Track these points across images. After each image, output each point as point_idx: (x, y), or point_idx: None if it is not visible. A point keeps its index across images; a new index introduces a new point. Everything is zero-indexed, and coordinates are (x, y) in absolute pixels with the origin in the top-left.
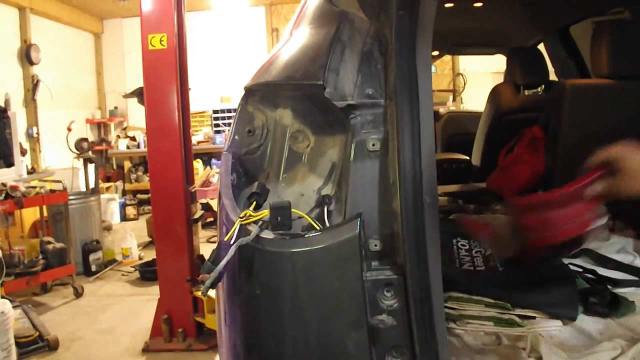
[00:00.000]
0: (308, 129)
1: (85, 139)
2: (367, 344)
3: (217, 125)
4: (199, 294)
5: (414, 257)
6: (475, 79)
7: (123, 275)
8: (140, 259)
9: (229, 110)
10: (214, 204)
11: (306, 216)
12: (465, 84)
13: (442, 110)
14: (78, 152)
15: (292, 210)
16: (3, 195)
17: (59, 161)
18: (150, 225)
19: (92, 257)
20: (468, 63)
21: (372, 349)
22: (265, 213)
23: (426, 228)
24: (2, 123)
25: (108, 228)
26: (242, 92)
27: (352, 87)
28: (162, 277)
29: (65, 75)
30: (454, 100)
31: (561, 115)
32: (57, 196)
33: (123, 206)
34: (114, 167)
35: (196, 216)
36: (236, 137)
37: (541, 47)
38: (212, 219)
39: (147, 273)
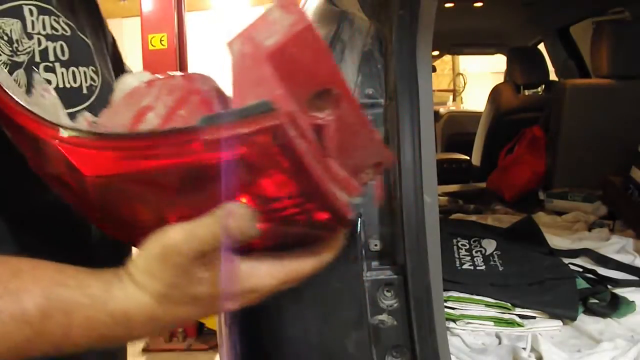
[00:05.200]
0: None
1: None
2: (368, 344)
3: None
4: None
5: (414, 257)
6: (475, 79)
7: None
8: None
9: None
10: None
11: None
12: (465, 84)
13: (442, 110)
14: None
15: None
16: None
17: None
18: None
19: None
20: (468, 63)
21: (372, 348)
22: None
23: (426, 228)
24: None
25: None
26: None
27: (352, 87)
28: None
29: None
30: (454, 100)
31: (561, 115)
32: None
33: None
34: None
35: None
36: None
37: (541, 47)
38: None
39: None
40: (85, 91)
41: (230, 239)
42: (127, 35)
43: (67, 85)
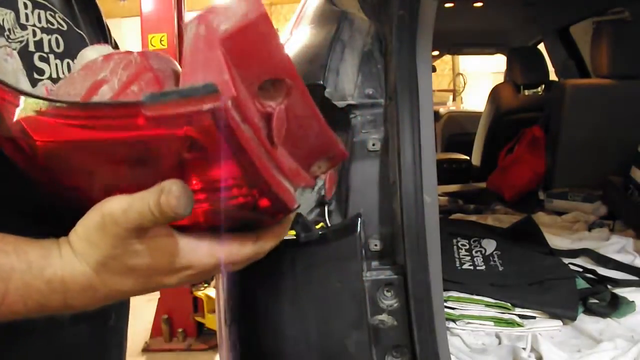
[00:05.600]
0: None
1: None
2: (368, 344)
3: None
4: (199, 293)
5: (414, 257)
6: (475, 79)
7: None
8: None
9: None
10: None
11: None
12: (465, 84)
13: (442, 110)
14: None
15: None
16: None
17: None
18: None
19: None
20: (468, 63)
21: (372, 349)
22: None
23: (426, 228)
24: None
25: None
26: None
27: (352, 87)
28: None
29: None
30: (454, 100)
31: (561, 115)
32: None
33: None
34: None
35: None
36: None
37: (541, 47)
38: None
39: None
40: None
41: (164, 216)
42: (127, 35)
43: (62, 76)
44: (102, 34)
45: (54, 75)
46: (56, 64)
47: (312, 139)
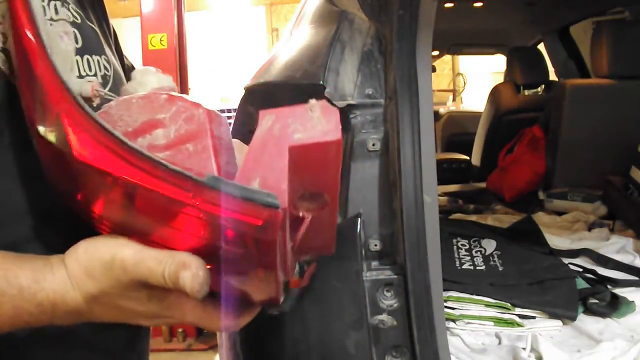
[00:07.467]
0: None
1: None
2: (368, 344)
3: None
4: None
5: (414, 257)
6: (475, 79)
7: None
8: None
9: (229, 110)
10: None
11: None
12: (465, 84)
13: (442, 110)
14: None
15: None
16: None
17: None
18: None
19: None
20: (468, 63)
21: (372, 349)
22: None
23: (426, 228)
24: None
25: None
26: (242, 92)
27: (352, 87)
28: None
29: None
30: (454, 100)
31: (561, 115)
32: None
33: None
34: None
35: None
36: (237, 137)
37: (541, 47)
38: None
39: None
40: (100, 80)
41: (175, 287)
42: (127, 35)
43: (83, 74)
44: (108, 31)
45: (77, 74)
46: (77, 61)
47: (318, 241)
